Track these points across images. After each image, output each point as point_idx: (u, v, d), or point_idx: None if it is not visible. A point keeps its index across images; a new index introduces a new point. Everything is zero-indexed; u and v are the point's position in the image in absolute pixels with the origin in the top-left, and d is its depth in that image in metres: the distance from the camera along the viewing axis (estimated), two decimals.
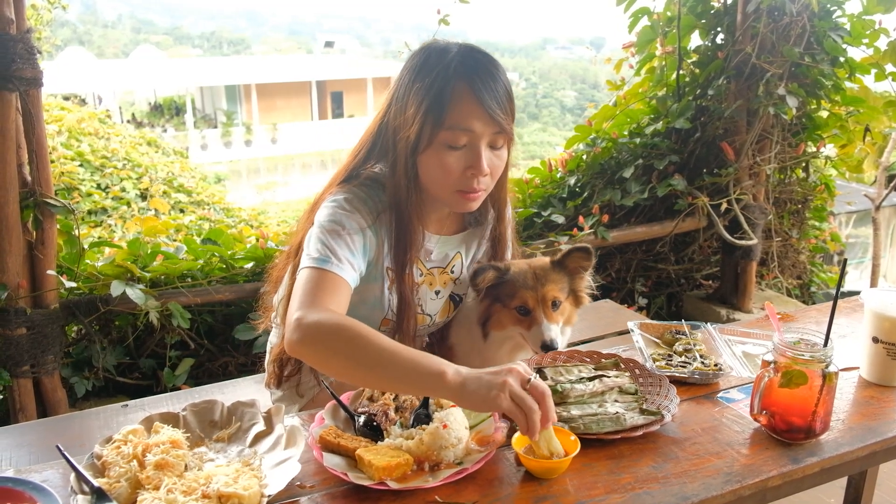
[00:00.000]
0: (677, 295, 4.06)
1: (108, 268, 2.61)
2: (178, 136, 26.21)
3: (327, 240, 1.42)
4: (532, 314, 1.64)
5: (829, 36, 3.35)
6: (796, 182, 3.99)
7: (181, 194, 6.21)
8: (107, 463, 1.14)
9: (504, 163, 1.54)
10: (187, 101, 28.79)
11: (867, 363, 1.51)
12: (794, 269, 4.26)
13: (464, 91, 1.42)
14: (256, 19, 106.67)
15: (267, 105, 30.58)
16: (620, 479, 1.18)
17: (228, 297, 2.79)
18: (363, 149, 1.60)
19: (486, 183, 1.51)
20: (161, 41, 63.47)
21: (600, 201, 3.62)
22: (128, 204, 5.51)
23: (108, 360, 2.65)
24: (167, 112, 29.22)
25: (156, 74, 30.11)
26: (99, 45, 57.59)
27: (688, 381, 1.50)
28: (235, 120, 29.75)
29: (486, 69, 1.47)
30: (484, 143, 1.46)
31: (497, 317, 1.68)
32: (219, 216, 5.85)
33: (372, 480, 1.13)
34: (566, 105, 47.69)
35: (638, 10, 3.75)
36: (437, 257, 1.67)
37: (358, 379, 1.28)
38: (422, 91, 1.44)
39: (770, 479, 1.19)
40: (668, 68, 3.81)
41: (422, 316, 1.69)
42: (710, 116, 3.63)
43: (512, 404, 1.12)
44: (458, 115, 1.42)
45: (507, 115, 1.47)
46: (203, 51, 65.57)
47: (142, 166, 6.32)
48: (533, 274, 1.66)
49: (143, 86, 30.32)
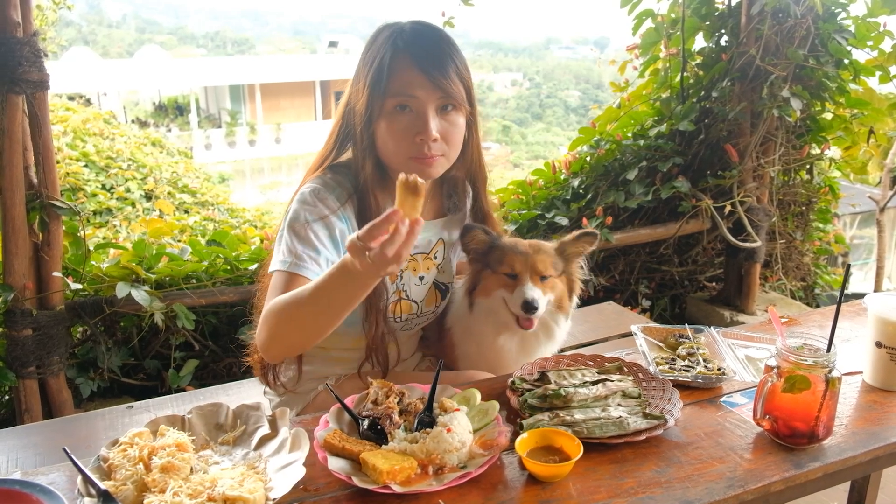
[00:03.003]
0: (681, 297, 4.06)
1: (114, 269, 2.62)
2: (182, 136, 26.29)
3: (290, 241, 1.46)
4: (518, 278, 1.63)
5: (834, 38, 3.34)
6: (800, 184, 3.98)
7: (185, 195, 6.23)
8: (113, 466, 1.15)
9: (459, 129, 1.55)
10: (191, 101, 28.86)
11: (870, 368, 1.51)
12: (797, 272, 4.25)
13: (404, 59, 1.48)
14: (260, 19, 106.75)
15: (271, 105, 30.63)
16: (623, 483, 1.18)
17: (233, 298, 2.80)
18: (333, 136, 1.63)
19: (440, 148, 1.52)
20: (165, 41, 63.54)
21: (604, 203, 3.62)
22: (132, 204, 5.53)
23: (113, 361, 2.67)
24: (171, 112, 29.29)
25: (160, 74, 30.15)
26: (104, 44, 57.69)
27: (691, 386, 1.50)
28: (239, 120, 29.81)
29: (429, 38, 1.52)
30: (431, 109, 1.48)
31: (484, 283, 1.67)
32: (223, 217, 5.87)
33: (376, 484, 1.14)
34: (570, 105, 47.61)
35: (642, 13, 3.75)
36: (420, 242, 1.67)
37: (309, 328, 1.34)
38: (367, 63, 1.52)
39: (773, 484, 1.20)
40: (672, 70, 3.81)
41: (407, 302, 1.69)
42: (714, 118, 3.63)
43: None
44: (399, 82, 1.47)
45: (452, 82, 1.48)
46: (207, 51, 65.65)
47: (147, 167, 6.34)
48: (526, 243, 1.69)
49: (148, 86, 30.38)
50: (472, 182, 1.74)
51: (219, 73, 31.72)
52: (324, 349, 1.70)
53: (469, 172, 1.71)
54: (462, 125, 1.56)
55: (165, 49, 48.18)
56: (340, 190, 1.55)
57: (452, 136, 1.54)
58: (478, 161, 1.69)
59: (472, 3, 2.99)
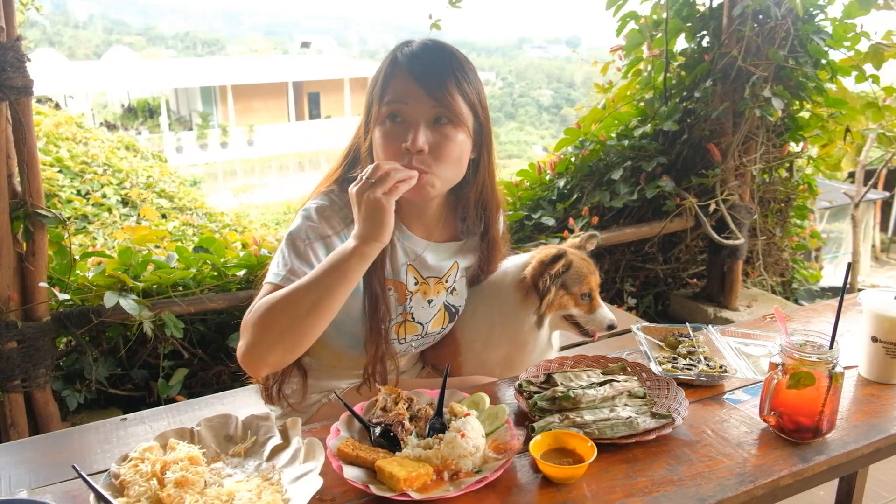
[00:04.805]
0: (664, 294, 4.11)
1: (100, 278, 2.57)
2: (152, 138, 25.94)
3: (288, 255, 1.44)
4: (593, 299, 1.74)
5: (813, 39, 3.41)
6: (780, 182, 4.06)
7: (163, 199, 6.14)
8: (125, 482, 1.13)
9: (453, 144, 1.47)
10: (162, 103, 28.49)
11: (867, 362, 1.55)
12: (777, 267, 4.33)
13: (402, 70, 1.47)
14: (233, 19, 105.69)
15: (243, 106, 30.35)
16: (637, 482, 1.19)
17: (222, 305, 2.77)
18: (346, 152, 1.61)
19: (426, 162, 1.45)
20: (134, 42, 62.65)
21: (590, 203, 3.65)
22: (109, 210, 5.43)
23: (100, 372, 2.62)
24: (141, 114, 28.89)
25: (129, 76, 29.72)
26: (70, 45, 56.70)
27: (694, 384, 1.52)
28: (211, 122, 29.51)
29: (433, 53, 1.50)
30: (422, 119, 1.44)
31: (559, 302, 1.72)
32: (202, 221, 5.80)
33: (394, 492, 1.13)
34: (543, 104, 47.92)
35: (626, 14, 3.79)
36: (433, 265, 1.64)
37: (304, 319, 1.32)
38: (373, 78, 1.52)
39: (782, 478, 1.22)
40: (655, 71, 3.85)
41: (412, 324, 1.65)
42: (697, 118, 3.68)
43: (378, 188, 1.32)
44: (393, 91, 1.46)
45: (449, 94, 1.44)
46: (177, 52, 64.89)
47: (122, 171, 6.24)
48: (587, 262, 1.76)
49: (116, 88, 29.92)
50: (483, 207, 1.67)
51: (190, 74, 31.37)
52: (329, 366, 1.69)
53: (481, 197, 1.65)
54: (459, 141, 1.48)
55: (134, 50, 47.50)
56: (347, 210, 1.50)
57: (444, 151, 1.45)
58: (491, 186, 1.64)
59: (459, 6, 2.99)
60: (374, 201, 1.30)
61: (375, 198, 1.30)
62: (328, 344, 1.63)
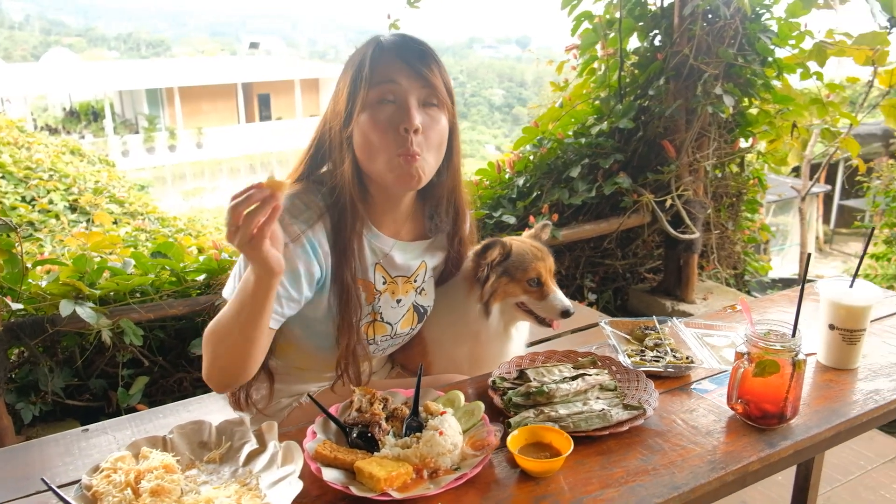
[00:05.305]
0: (623, 289, 4.18)
1: (54, 286, 2.49)
2: (97, 142, 25.23)
3: (242, 267, 1.43)
4: (544, 285, 1.70)
5: (760, 37, 3.52)
6: (731, 177, 4.17)
7: (113, 205, 5.96)
8: (98, 493, 1.10)
9: (440, 127, 1.49)
10: (106, 106, 27.70)
11: (824, 349, 1.61)
12: (730, 260, 4.46)
13: (388, 53, 1.46)
14: (177, 20, 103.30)
15: (191, 109, 29.75)
16: (613, 473, 1.21)
17: (182, 311, 2.71)
18: (307, 152, 1.58)
19: (422, 145, 1.45)
20: (74, 43, 60.82)
21: (549, 201, 3.69)
22: (56, 217, 5.25)
23: (56, 383, 2.53)
24: (84, 118, 28.06)
25: (70, 78, 28.84)
26: (5, 47, 54.70)
27: (662, 375, 1.55)
28: (158, 125, 28.85)
29: (412, 39, 1.52)
30: (413, 98, 1.44)
31: (504, 290, 1.70)
32: (154, 226, 5.65)
33: (374, 492, 1.13)
34: (494, 103, 48.21)
35: (581, 14, 3.84)
36: (401, 264, 1.63)
37: (239, 344, 1.35)
38: (349, 67, 1.49)
39: (751, 464, 1.26)
40: (610, 70, 3.92)
41: (381, 324, 1.64)
42: (651, 116, 3.76)
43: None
44: (382, 72, 1.44)
45: (434, 75, 1.46)
46: (120, 53, 63.21)
47: (69, 176, 6.03)
48: (536, 247, 1.73)
49: (57, 90, 29.00)
50: (453, 203, 1.66)
51: (134, 76, 30.63)
52: (299, 369, 1.67)
53: (452, 193, 1.64)
54: (444, 125, 1.50)
55: (74, 52, 46.13)
56: (311, 212, 1.48)
57: (433, 134, 1.47)
58: (460, 181, 1.64)
59: (417, 6, 2.99)
60: (244, 249, 1.23)
61: (243, 248, 1.22)
62: (298, 345, 1.62)
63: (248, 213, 1.18)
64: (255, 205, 1.18)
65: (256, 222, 1.18)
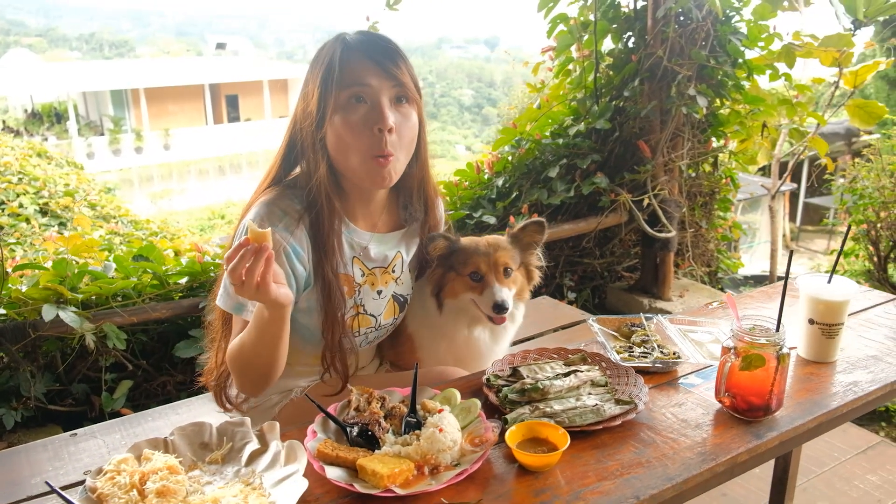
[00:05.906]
0: (601, 287, 4.24)
1: (35, 291, 2.45)
2: (60, 144, 24.69)
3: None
4: (484, 279, 1.68)
5: (730, 39, 3.60)
6: (705, 176, 4.26)
7: (85, 208, 5.86)
8: (103, 495, 1.10)
9: (412, 125, 1.54)
10: (69, 108, 27.12)
11: (804, 343, 1.66)
12: (704, 258, 4.55)
13: (356, 53, 1.48)
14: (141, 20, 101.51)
15: (158, 110, 29.30)
16: (608, 466, 1.25)
17: (165, 314, 2.69)
18: (280, 153, 1.61)
19: (395, 145, 1.49)
20: (35, 43, 59.46)
21: (528, 201, 3.73)
22: (27, 221, 5.15)
23: (37, 389, 2.49)
24: (47, 119, 27.45)
25: (31, 79, 28.17)
26: None
27: (650, 371, 1.60)
28: (124, 126, 28.37)
29: (378, 37, 1.54)
30: (385, 98, 1.47)
31: (451, 285, 1.71)
32: (127, 229, 5.57)
33: (378, 489, 1.15)
34: (464, 104, 48.29)
35: (556, 16, 3.89)
36: (377, 256, 1.66)
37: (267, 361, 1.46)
38: (316, 67, 1.51)
39: (739, 455, 1.30)
40: (585, 71, 3.98)
41: (365, 317, 1.68)
42: (627, 116, 3.82)
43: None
44: (351, 73, 1.47)
45: (402, 73, 1.49)
46: (82, 53, 61.98)
47: (39, 180, 5.92)
48: (485, 242, 1.73)
49: (18, 92, 28.30)
50: (424, 192, 1.71)
51: (98, 77, 30.05)
52: (287, 364, 1.68)
53: (422, 179, 1.69)
54: (415, 122, 1.54)
55: (35, 52, 45.06)
56: (289, 218, 1.50)
57: (405, 132, 1.51)
58: (427, 164, 1.68)
59: (396, 8, 3.00)
60: (254, 298, 1.31)
61: (253, 298, 1.31)
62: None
63: (247, 269, 1.25)
64: (251, 260, 1.25)
65: (257, 274, 1.26)
